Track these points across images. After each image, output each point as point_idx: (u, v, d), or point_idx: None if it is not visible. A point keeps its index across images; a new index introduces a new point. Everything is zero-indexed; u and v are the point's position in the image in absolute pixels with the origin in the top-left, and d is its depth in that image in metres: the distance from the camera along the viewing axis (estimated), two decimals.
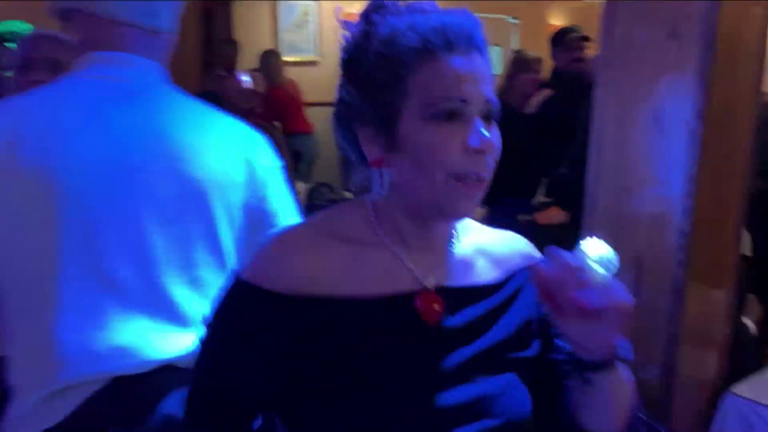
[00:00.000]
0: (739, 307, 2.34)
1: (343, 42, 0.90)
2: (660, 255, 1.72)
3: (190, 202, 1.17)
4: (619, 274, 0.80)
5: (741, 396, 1.80)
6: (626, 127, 1.73)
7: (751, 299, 3.19)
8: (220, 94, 3.78)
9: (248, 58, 5.97)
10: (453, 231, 0.97)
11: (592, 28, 3.72)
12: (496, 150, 0.86)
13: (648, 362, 1.77)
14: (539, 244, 1.05)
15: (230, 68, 5.61)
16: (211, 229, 1.19)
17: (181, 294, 1.15)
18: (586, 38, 3.69)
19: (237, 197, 1.22)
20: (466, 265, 0.95)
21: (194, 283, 1.16)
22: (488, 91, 0.85)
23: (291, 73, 6.18)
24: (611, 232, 1.82)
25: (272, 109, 5.43)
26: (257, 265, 0.89)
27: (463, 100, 0.83)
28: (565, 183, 3.10)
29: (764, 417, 1.76)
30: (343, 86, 0.91)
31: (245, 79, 5.58)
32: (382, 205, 0.92)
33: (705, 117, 1.61)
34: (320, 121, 6.65)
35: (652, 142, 1.69)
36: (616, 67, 1.74)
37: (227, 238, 1.21)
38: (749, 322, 2.66)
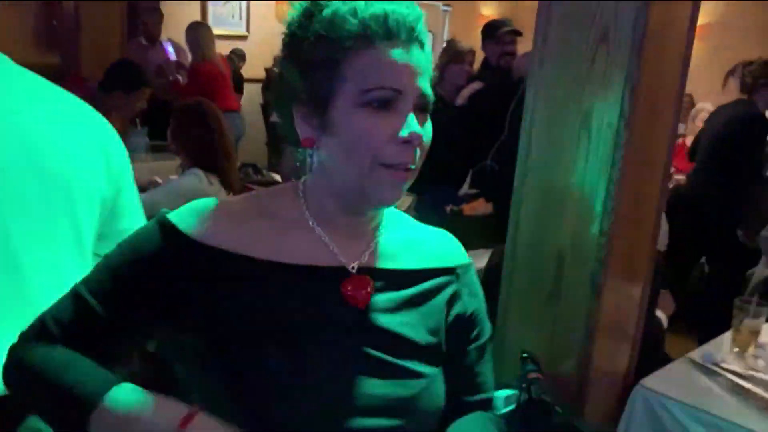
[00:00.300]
0: (653, 302, 2.44)
1: (287, 18, 0.90)
2: (581, 251, 1.77)
3: (56, 199, 1.08)
4: None
5: (649, 388, 1.88)
6: (555, 127, 1.77)
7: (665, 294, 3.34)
8: (141, 64, 3.63)
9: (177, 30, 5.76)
10: (381, 220, 0.98)
11: (522, 21, 3.79)
12: (425, 144, 0.87)
13: (565, 355, 1.82)
14: (465, 234, 1.08)
15: (153, 38, 5.40)
16: (77, 227, 1.12)
17: (51, 300, 1.08)
18: (516, 32, 3.74)
19: (96, 189, 1.15)
20: (391, 254, 0.97)
21: (62, 286, 1.09)
22: (424, 84, 0.86)
23: (218, 47, 6.01)
24: (536, 228, 1.86)
25: (198, 83, 5.26)
26: (185, 214, 0.90)
27: (398, 91, 0.83)
28: (492, 175, 3.15)
29: (669, 408, 1.84)
30: (282, 63, 0.90)
31: (170, 50, 5.38)
32: (311, 188, 0.93)
33: (630, 119, 1.66)
34: (247, 97, 6.52)
35: (579, 142, 1.72)
36: (548, 67, 1.77)
37: (89, 235, 1.14)
38: (662, 316, 2.79)
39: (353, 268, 0.92)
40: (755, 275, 3.64)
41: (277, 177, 3.73)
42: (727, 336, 2.17)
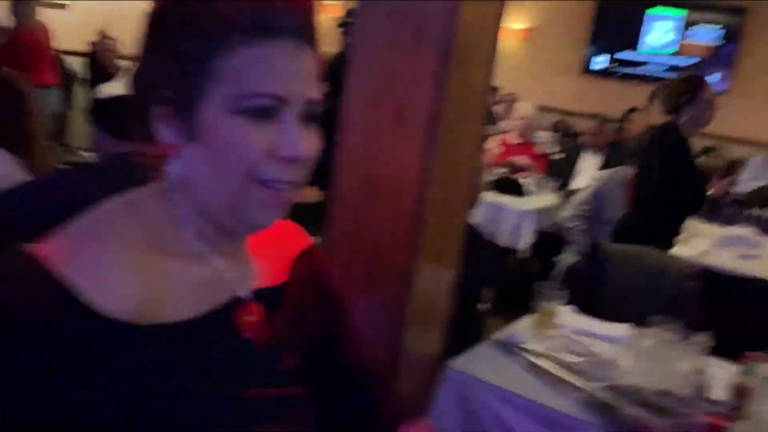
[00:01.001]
0: (478, 292, 2.57)
1: None
2: (394, 241, 1.82)
3: None
4: None
5: (456, 369, 1.99)
6: (371, 118, 1.81)
7: None
8: None
9: None
10: None
11: None
12: (312, 159, 0.75)
13: (378, 341, 1.88)
14: (293, 221, 1.06)
15: None
16: None
17: None
18: (348, 24, 3.78)
19: None
20: (264, 264, 0.86)
21: None
22: (313, 90, 0.74)
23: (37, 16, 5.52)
24: (353, 220, 1.89)
25: (15, 52, 4.81)
26: (76, 268, 0.69)
27: (281, 99, 0.71)
28: (320, 164, 3.16)
29: (474, 388, 1.96)
30: (142, 47, 0.75)
31: None
32: (184, 204, 0.77)
33: (441, 113, 1.73)
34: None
35: (394, 133, 1.77)
36: (364, 58, 1.80)
37: None
38: (485, 306, 2.92)
39: (245, 294, 0.81)
40: (560, 262, 3.98)
41: (88, 155, 3.49)
42: (529, 318, 2.35)
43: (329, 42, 3.96)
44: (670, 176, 3.15)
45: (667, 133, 3.18)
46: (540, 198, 4.51)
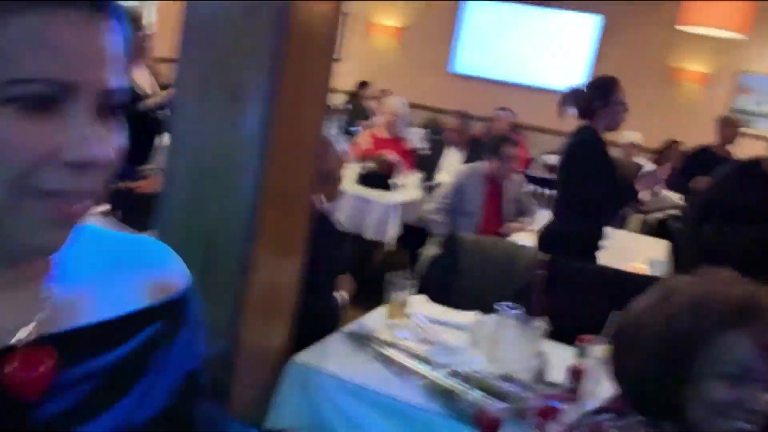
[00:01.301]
0: (332, 283, 2.51)
1: None
2: (230, 229, 1.73)
3: None
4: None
5: (300, 363, 1.93)
6: (204, 102, 1.71)
7: None
8: None
9: None
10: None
11: None
12: (111, 163, 0.59)
13: (215, 333, 1.78)
14: (136, 214, 0.94)
15: None
16: None
17: None
18: None
19: None
20: (78, 300, 0.66)
21: None
22: (113, 75, 0.57)
23: None
24: (186, 207, 1.78)
25: None
26: None
27: (65, 86, 0.54)
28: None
29: (319, 381, 1.91)
30: None
31: None
32: None
33: (278, 94, 1.66)
34: None
35: (228, 118, 1.68)
36: (196, 40, 1.70)
37: None
38: (343, 295, 2.85)
39: (19, 340, 0.60)
40: (424, 254, 4.03)
41: None
42: (381, 309, 2.33)
43: None
44: (593, 180, 3.06)
45: (586, 139, 3.10)
46: (406, 192, 4.55)
